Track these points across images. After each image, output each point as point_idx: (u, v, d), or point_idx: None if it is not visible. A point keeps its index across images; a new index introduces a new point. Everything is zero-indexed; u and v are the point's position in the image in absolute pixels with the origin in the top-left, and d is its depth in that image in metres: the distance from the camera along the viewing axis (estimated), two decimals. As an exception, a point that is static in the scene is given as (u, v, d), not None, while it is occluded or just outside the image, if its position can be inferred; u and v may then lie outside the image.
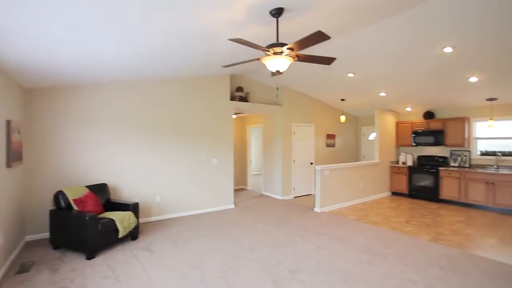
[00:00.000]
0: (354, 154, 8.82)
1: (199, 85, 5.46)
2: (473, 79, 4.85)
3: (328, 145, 7.89)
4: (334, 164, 6.09)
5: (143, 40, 3.02)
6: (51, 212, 3.52)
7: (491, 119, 5.93)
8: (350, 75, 5.36)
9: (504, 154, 5.88)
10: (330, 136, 7.96)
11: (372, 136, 8.51)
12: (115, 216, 3.59)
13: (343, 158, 8.38)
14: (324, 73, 5.51)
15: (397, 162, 7.53)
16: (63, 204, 3.50)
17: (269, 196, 7.05)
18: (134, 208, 3.95)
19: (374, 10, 3.07)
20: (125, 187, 4.64)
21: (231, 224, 4.70)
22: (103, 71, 3.91)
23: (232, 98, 6.06)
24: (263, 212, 5.49)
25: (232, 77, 6.15)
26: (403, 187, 7.04)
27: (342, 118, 7.36)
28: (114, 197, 4.47)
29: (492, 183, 5.55)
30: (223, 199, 5.78)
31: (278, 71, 2.59)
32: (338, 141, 8.22)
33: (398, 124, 7.47)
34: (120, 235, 3.53)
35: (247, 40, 2.37)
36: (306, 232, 4.25)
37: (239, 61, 2.71)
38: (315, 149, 7.50)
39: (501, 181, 5.44)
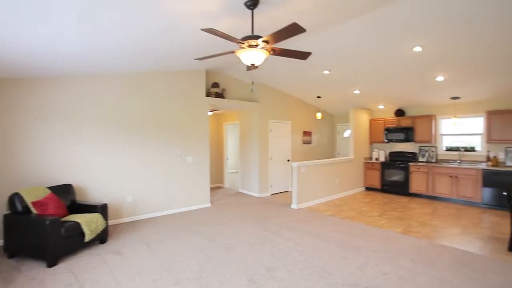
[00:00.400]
0: (330, 151, 8.99)
1: (173, 80, 5.25)
2: (440, 78, 5.09)
3: (304, 142, 7.97)
4: (311, 160, 6.14)
5: (106, 30, 2.81)
6: (5, 217, 3.20)
7: (455, 116, 6.28)
8: (326, 72, 5.41)
9: (466, 149, 6.25)
10: (307, 133, 8.04)
11: (347, 133, 8.71)
12: (81, 218, 3.34)
13: (320, 155, 8.51)
14: (300, 70, 5.52)
15: (371, 158, 7.78)
16: (19, 207, 3.19)
17: (246, 194, 6.99)
18: (102, 209, 3.71)
19: (349, 6, 3.08)
20: (93, 188, 4.36)
21: (207, 223, 4.58)
22: (64, 63, 3.62)
23: (208, 94, 5.90)
24: (240, 210, 5.42)
25: (208, 73, 5.99)
26: (376, 182, 7.28)
27: (318, 115, 7.45)
28: (80, 198, 4.18)
29: (456, 177, 5.88)
30: (199, 198, 5.63)
31: (253, 65, 2.52)
32: (314, 138, 8.33)
33: (371, 121, 7.70)
34: (87, 239, 3.29)
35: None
36: (283, 229, 4.24)
37: (213, 54, 2.61)
38: (292, 146, 7.54)
39: (464, 174, 5.78)
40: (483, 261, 3.13)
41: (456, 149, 6.40)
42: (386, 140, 7.31)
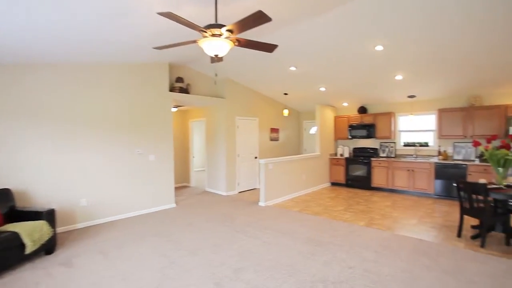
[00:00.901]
0: (296, 147, 9.10)
1: (133, 74, 4.87)
2: (399, 77, 5.34)
3: (272, 139, 7.96)
4: (278, 157, 6.13)
5: (52, 13, 2.46)
6: None
7: (411, 114, 6.68)
8: (293, 68, 5.41)
9: (421, 144, 6.69)
10: (274, 130, 8.04)
11: (313, 130, 8.88)
12: (21, 228, 2.93)
13: (287, 152, 8.57)
14: (268, 67, 5.45)
15: (336, 154, 8.00)
16: None
17: (213, 193, 6.80)
18: (48, 216, 3.31)
19: (315, 1, 3.05)
20: (40, 192, 3.88)
21: (171, 225, 4.33)
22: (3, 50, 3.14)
23: (172, 89, 5.59)
24: (207, 209, 5.23)
25: (172, 67, 5.67)
26: (341, 178, 7.51)
27: (285, 112, 7.48)
28: (21, 204, 3.69)
29: (412, 170, 6.26)
30: (163, 198, 5.33)
31: (217, 56, 2.36)
32: (281, 135, 8.36)
33: (336, 118, 7.91)
34: (28, 250, 2.90)
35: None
36: (251, 227, 4.15)
37: (173, 43, 2.40)
38: (259, 143, 7.48)
39: (419, 168, 6.17)
40: (437, 248, 3.31)
41: (412, 144, 6.82)
42: (350, 137, 7.56)
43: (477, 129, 5.70)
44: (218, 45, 2.25)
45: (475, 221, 4.25)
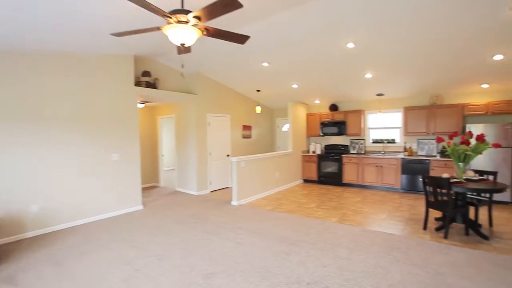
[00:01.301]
0: (269, 145, 9.06)
1: (94, 65, 4.45)
2: (368, 75, 5.46)
3: (244, 137, 7.82)
4: (251, 155, 6.01)
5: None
6: None
7: (380, 111, 6.90)
8: (265, 64, 5.30)
9: (389, 141, 6.94)
10: (247, 127, 7.91)
11: (285, 127, 8.88)
12: (-47, 240, 2.52)
13: (259, 149, 8.49)
14: (240, 62, 5.29)
15: (308, 151, 8.07)
16: None
17: (184, 193, 6.52)
18: (-11, 225, 2.89)
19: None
20: (-22, 197, 3.40)
21: (137, 228, 4.03)
22: None
23: (137, 83, 5.23)
24: (177, 210, 4.97)
25: (138, 60, 5.30)
26: (313, 174, 7.58)
27: (258, 109, 7.37)
28: (-43, 212, 3.20)
29: (381, 166, 6.47)
30: (128, 200, 4.97)
31: (183, 46, 2.16)
32: (254, 132, 8.26)
33: (308, 115, 7.97)
34: (-38, 266, 2.50)
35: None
36: (223, 228, 3.99)
37: (134, 30, 2.16)
38: (231, 141, 7.31)
39: (387, 164, 6.40)
40: (406, 242, 3.40)
41: (381, 141, 7.06)
42: (321, 134, 7.65)
43: (438, 126, 6.02)
44: (185, 33, 2.06)
45: (438, 214, 4.46)
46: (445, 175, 3.84)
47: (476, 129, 5.33)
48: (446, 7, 3.23)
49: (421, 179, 4.03)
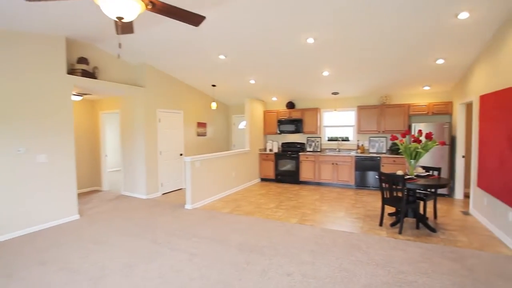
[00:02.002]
0: (225, 143, 8.71)
1: (11, 46, 3.61)
2: (326, 73, 5.46)
3: (199, 134, 7.36)
4: (206, 154, 5.61)
5: None
6: None
7: (335, 110, 7.04)
8: (222, 57, 4.95)
9: (343, 139, 7.14)
10: (201, 125, 7.45)
11: (242, 125, 8.63)
12: None
13: (215, 148, 8.09)
14: (194, 52, 4.85)
15: (265, 149, 7.93)
16: None
17: (131, 197, 5.84)
18: None
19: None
20: None
21: (69, 244, 3.38)
22: None
23: (72, 71, 4.46)
24: (122, 218, 4.37)
25: (72, 43, 4.51)
26: (271, 173, 7.46)
27: (213, 106, 6.97)
28: None
29: (336, 164, 6.61)
30: (60, 209, 4.21)
31: (121, 20, 1.73)
32: (209, 129, 7.84)
33: (265, 113, 7.82)
34: None
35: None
36: (175, 237, 3.56)
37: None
38: (184, 139, 6.80)
39: (342, 161, 6.55)
40: (365, 240, 3.40)
41: (335, 139, 7.22)
42: (279, 132, 7.56)
43: (387, 125, 6.34)
44: (122, 3, 1.63)
45: (391, 209, 4.63)
46: (399, 172, 3.96)
47: (419, 127, 5.71)
48: (396, 14, 3.37)
49: (377, 177, 4.12)
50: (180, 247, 3.23)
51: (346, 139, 7.11)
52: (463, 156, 5.37)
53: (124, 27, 2.05)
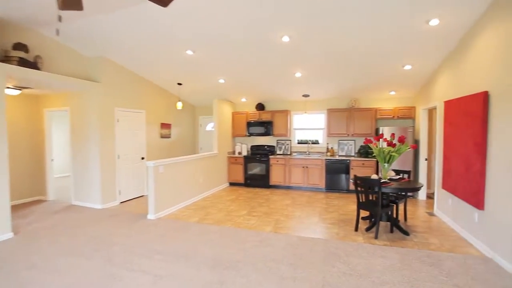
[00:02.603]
0: (191, 145, 8.22)
1: None
2: (298, 75, 5.34)
3: (163, 136, 6.80)
4: (171, 158, 5.14)
5: None
6: None
7: (305, 112, 6.98)
8: (189, 52, 4.55)
9: (313, 142, 7.11)
10: (166, 126, 6.90)
11: (209, 126, 8.22)
12: None
13: (181, 151, 7.57)
14: (159, 45, 4.38)
15: (234, 152, 7.61)
16: None
17: (84, 207, 5.13)
18: None
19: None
20: None
21: (-3, 271, 2.74)
22: None
23: (5, 59, 3.73)
24: (70, 234, 3.73)
25: (4, 26, 3.78)
26: (240, 177, 7.16)
27: (179, 105, 6.48)
28: None
29: (307, 167, 6.53)
30: (-13, 226, 3.46)
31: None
32: (174, 131, 7.30)
33: (234, 114, 7.51)
34: None
35: None
36: (136, 255, 3.09)
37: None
38: (147, 141, 6.21)
39: (313, 164, 6.49)
40: (344, 248, 3.26)
41: (305, 142, 7.16)
42: (248, 134, 7.30)
43: (356, 128, 6.42)
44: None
45: (364, 213, 4.61)
46: (374, 176, 3.93)
47: (386, 131, 5.85)
48: (370, 19, 3.38)
49: (352, 181, 4.05)
50: (141, 268, 2.78)
51: (316, 142, 7.09)
52: (426, 159, 5.60)
53: (68, 0, 1.60)
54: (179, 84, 6.30)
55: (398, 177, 4.15)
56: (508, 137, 2.84)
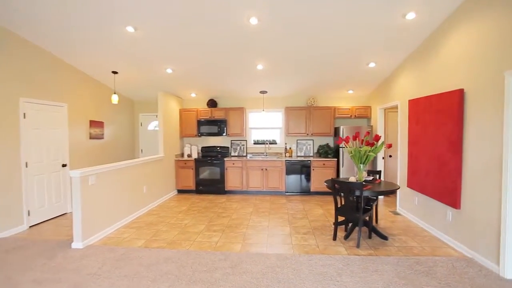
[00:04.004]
0: (130, 148, 6.95)
1: None
2: (260, 67, 4.78)
3: (93, 137, 5.48)
4: (105, 164, 4.03)
5: None
6: None
7: (263, 110, 6.47)
8: (130, 29, 3.57)
9: (271, 142, 6.64)
10: (96, 124, 5.59)
11: (152, 126, 7.08)
12: None
13: (117, 155, 6.29)
14: (88, 19, 3.29)
15: (183, 155, 6.66)
16: None
17: (-32, 237, 3.62)
18: None
19: None
20: None
21: None
22: None
23: None
24: None
25: None
26: (190, 183, 6.25)
27: (114, 99, 5.26)
28: None
29: (266, 169, 6.02)
30: None
31: None
32: (108, 131, 6.00)
33: (182, 111, 6.56)
34: None
35: None
36: (53, 311, 2.07)
37: None
38: (70, 143, 4.86)
39: (272, 166, 6.00)
40: (331, 264, 2.80)
41: (262, 142, 6.65)
42: (198, 134, 6.46)
43: (315, 127, 6.18)
44: None
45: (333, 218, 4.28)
46: (352, 179, 3.59)
47: (345, 130, 5.73)
48: (345, 12, 3.08)
49: (326, 184, 3.66)
50: (62, 336, 1.81)
51: (274, 142, 6.65)
52: (383, 158, 5.64)
53: None
54: (114, 72, 5.11)
55: (371, 178, 3.92)
56: (485, 135, 2.77)
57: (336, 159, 5.90)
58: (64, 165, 4.65)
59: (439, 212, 3.56)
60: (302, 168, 5.93)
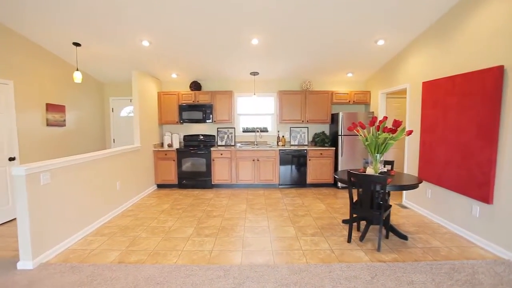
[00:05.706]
0: (99, 137, 6.01)
1: None
2: (255, 41, 4.09)
3: (51, 124, 4.54)
4: (64, 158, 3.20)
5: None
6: None
7: (254, 94, 5.80)
8: (92, -19, 2.72)
9: (262, 130, 6.01)
10: (55, 108, 4.64)
11: (126, 111, 6.17)
12: None
13: (83, 146, 5.37)
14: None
15: (162, 144, 5.87)
16: None
17: None
18: None
19: None
20: None
21: None
22: None
23: None
24: None
25: None
26: (172, 176, 5.50)
27: (77, 77, 4.32)
28: None
29: (258, 160, 5.41)
30: None
31: None
32: (71, 116, 5.06)
33: (161, 95, 5.71)
34: None
35: None
36: None
37: None
38: (20, 131, 3.93)
39: (265, 157, 5.40)
40: (355, 275, 2.28)
41: (253, 130, 6.01)
42: (180, 121, 5.69)
43: (310, 114, 5.63)
44: None
45: (342, 215, 3.80)
46: (369, 171, 3.08)
47: (345, 117, 5.23)
48: None
49: (336, 177, 3.13)
50: None
51: (265, 130, 6.03)
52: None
53: None
54: (76, 44, 4.18)
55: (385, 169, 3.44)
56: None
57: (334, 148, 5.41)
58: (11, 159, 3.73)
59: (461, 206, 3.17)
60: (298, 159, 5.39)
